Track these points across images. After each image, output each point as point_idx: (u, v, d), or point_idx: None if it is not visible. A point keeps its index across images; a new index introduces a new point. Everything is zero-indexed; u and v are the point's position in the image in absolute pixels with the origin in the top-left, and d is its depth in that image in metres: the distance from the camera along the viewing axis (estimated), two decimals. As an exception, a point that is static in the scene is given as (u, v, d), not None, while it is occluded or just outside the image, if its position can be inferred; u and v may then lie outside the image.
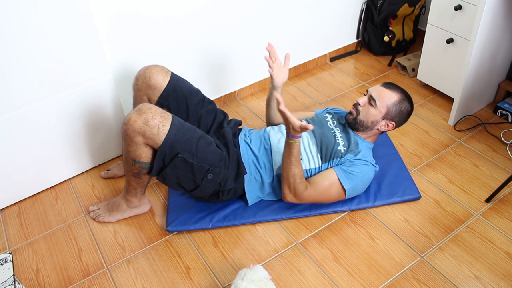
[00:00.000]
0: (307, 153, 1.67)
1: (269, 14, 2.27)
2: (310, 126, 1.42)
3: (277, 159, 1.68)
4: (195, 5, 2.00)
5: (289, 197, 1.63)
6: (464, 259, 1.54)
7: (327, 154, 1.66)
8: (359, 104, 1.68)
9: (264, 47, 2.36)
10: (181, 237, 1.69)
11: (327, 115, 1.83)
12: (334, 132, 1.72)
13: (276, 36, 2.37)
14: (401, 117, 1.69)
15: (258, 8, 2.21)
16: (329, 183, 1.62)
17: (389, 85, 1.69)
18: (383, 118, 1.67)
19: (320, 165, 1.67)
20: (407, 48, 2.71)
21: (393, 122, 1.68)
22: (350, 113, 1.73)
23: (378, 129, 1.71)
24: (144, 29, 1.92)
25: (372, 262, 1.55)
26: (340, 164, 1.66)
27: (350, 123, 1.73)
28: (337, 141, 1.68)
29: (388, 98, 1.65)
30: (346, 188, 1.62)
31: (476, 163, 1.92)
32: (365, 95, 1.71)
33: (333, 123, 1.77)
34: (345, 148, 1.66)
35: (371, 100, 1.66)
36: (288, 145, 1.55)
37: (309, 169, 1.67)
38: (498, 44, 2.00)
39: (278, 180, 1.69)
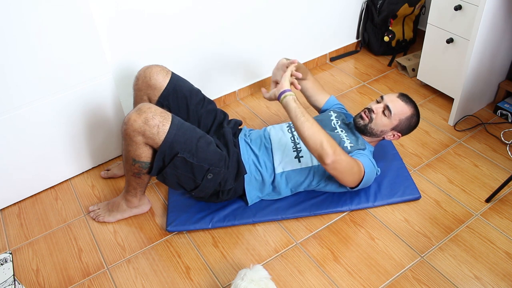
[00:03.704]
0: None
1: (270, 14, 2.27)
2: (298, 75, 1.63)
3: (278, 157, 1.68)
4: (195, 5, 2.00)
5: (330, 156, 1.44)
6: (464, 259, 1.54)
7: None
8: (373, 111, 1.67)
9: (264, 47, 2.37)
10: (181, 237, 1.69)
11: (331, 113, 1.82)
12: (338, 131, 1.72)
13: (276, 36, 2.37)
14: (408, 130, 1.71)
15: (259, 8, 2.21)
16: (355, 159, 1.57)
17: (405, 98, 1.68)
18: (392, 129, 1.68)
19: None
20: (407, 48, 2.71)
21: (399, 134, 1.70)
22: (361, 117, 1.71)
23: (384, 137, 1.72)
24: (144, 29, 1.92)
25: (372, 262, 1.55)
26: None
27: (360, 128, 1.72)
28: (342, 139, 1.68)
29: (403, 112, 1.66)
30: (366, 171, 1.58)
31: (476, 163, 1.92)
32: (378, 101, 1.70)
33: (337, 123, 1.77)
34: (352, 145, 1.67)
35: (386, 110, 1.65)
36: (287, 107, 1.51)
37: (311, 166, 1.66)
38: (498, 44, 2.00)
39: (279, 179, 1.68)
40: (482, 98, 2.19)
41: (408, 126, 1.70)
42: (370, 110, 1.69)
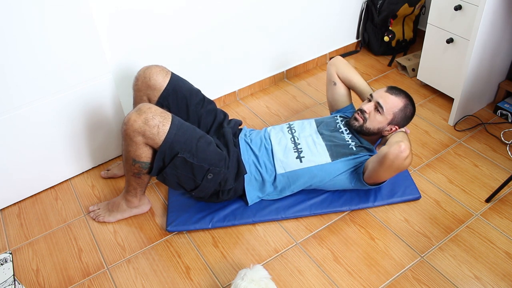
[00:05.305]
0: (312, 150, 1.67)
1: (270, 14, 2.27)
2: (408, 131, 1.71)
3: (279, 158, 1.67)
4: (195, 5, 2.00)
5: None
6: (464, 259, 1.54)
7: (339, 152, 1.67)
8: (365, 111, 1.68)
9: (265, 46, 2.37)
10: (181, 237, 1.69)
11: (338, 117, 1.82)
12: (343, 132, 1.73)
13: (276, 36, 2.37)
14: (405, 120, 1.70)
15: (259, 7, 2.21)
16: None
17: (394, 90, 1.68)
18: (389, 123, 1.68)
19: (331, 161, 1.66)
20: (407, 48, 2.71)
21: (396, 126, 1.70)
22: (356, 119, 1.71)
23: (382, 134, 1.72)
24: (144, 28, 1.92)
25: (372, 262, 1.55)
26: (361, 158, 1.66)
27: (356, 129, 1.72)
28: (347, 141, 1.69)
29: (395, 105, 1.66)
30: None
31: (476, 163, 1.92)
32: (369, 100, 1.71)
33: (341, 122, 1.78)
34: (357, 146, 1.68)
35: (378, 107, 1.66)
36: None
37: (314, 166, 1.66)
38: (498, 44, 2.00)
39: (281, 179, 1.68)
40: (482, 98, 2.19)
41: (404, 117, 1.69)
42: (362, 111, 1.69)
